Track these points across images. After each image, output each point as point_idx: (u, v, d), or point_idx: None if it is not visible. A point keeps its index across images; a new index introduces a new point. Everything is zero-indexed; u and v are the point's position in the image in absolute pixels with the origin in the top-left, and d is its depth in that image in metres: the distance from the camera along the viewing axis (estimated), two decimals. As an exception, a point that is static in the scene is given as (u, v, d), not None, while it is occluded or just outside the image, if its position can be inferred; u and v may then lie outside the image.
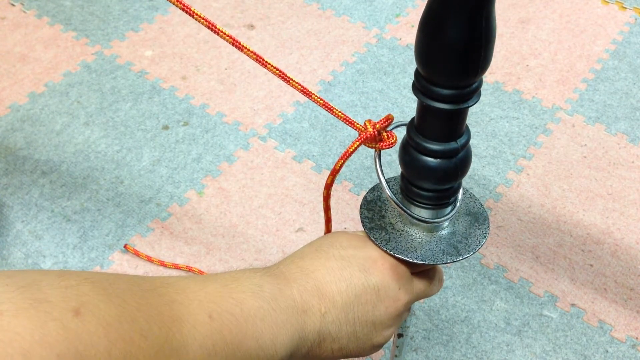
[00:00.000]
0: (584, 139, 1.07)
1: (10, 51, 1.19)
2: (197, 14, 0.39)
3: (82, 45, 1.21)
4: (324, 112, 1.10)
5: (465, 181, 0.97)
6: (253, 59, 0.40)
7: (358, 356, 0.44)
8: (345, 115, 0.45)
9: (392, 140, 0.46)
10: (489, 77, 1.17)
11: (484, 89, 1.15)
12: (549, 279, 0.88)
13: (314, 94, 0.44)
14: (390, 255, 0.47)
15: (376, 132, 0.45)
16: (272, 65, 0.41)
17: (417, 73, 0.41)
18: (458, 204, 0.49)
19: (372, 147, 0.46)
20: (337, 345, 0.42)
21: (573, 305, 0.86)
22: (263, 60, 0.41)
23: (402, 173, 0.47)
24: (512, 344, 0.82)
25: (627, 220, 0.95)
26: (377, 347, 0.45)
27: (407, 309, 0.46)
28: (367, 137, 0.44)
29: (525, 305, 0.86)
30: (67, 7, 1.29)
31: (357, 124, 0.45)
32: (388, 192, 0.47)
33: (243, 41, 0.39)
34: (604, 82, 1.16)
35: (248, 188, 0.98)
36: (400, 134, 0.46)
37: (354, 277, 0.42)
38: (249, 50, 0.40)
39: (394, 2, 1.33)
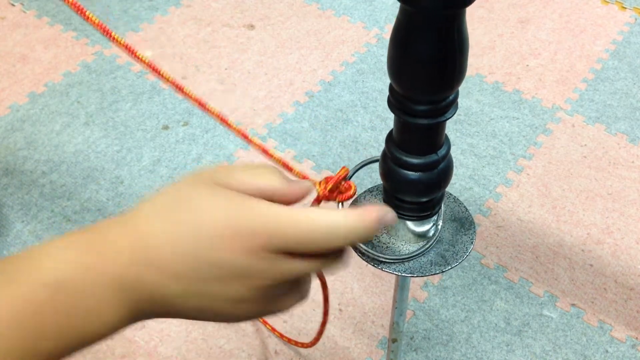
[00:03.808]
0: (584, 139, 1.07)
1: (10, 51, 1.19)
2: (148, 63, 0.41)
3: (82, 46, 1.21)
4: (324, 112, 1.10)
5: (465, 181, 0.97)
6: (196, 105, 0.43)
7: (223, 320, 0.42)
8: (302, 173, 0.45)
9: (351, 192, 0.46)
10: (489, 77, 1.17)
11: (484, 89, 1.15)
12: (549, 279, 0.88)
13: (258, 143, 0.46)
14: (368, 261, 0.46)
15: (327, 193, 0.44)
16: (214, 111, 0.43)
17: (391, 88, 0.40)
18: (442, 213, 0.48)
19: (332, 201, 0.46)
20: (192, 314, 0.39)
21: (573, 305, 0.86)
22: (205, 106, 0.43)
23: (383, 186, 0.46)
24: (512, 344, 0.82)
25: (627, 220, 0.95)
26: (247, 318, 0.41)
27: (283, 286, 0.39)
28: (321, 197, 0.44)
29: (525, 305, 0.86)
30: (67, 7, 1.29)
31: (314, 182, 0.45)
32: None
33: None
34: (604, 82, 1.16)
35: (248, 188, 0.98)
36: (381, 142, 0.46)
37: (200, 249, 0.38)
38: (191, 96, 0.42)
39: (394, 2, 1.33)
